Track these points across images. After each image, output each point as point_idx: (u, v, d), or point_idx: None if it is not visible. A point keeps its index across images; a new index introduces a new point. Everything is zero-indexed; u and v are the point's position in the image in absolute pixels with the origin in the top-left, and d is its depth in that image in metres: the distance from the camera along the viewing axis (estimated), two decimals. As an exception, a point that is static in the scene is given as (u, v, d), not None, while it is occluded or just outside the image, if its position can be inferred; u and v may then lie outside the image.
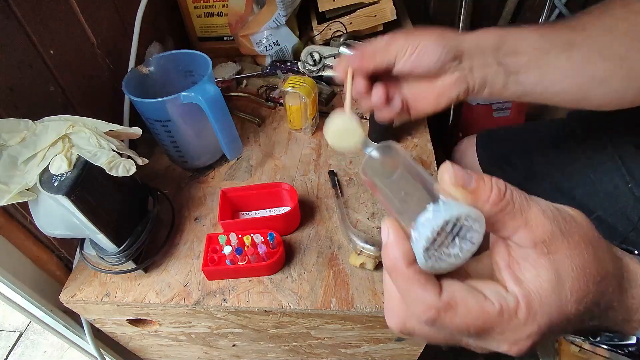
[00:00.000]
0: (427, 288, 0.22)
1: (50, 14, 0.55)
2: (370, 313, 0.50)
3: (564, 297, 0.21)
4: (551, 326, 0.22)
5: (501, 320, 0.21)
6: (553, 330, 0.22)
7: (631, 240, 0.56)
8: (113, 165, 0.46)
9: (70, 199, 0.43)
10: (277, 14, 0.80)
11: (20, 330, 1.27)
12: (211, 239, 0.54)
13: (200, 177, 0.68)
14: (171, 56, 0.65)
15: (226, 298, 0.52)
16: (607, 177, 0.57)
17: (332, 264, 0.55)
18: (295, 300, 0.51)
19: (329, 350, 0.66)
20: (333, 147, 0.37)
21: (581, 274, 0.22)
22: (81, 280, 0.56)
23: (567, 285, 0.21)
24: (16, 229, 0.53)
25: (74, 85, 0.60)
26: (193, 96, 0.55)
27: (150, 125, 0.61)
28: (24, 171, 0.44)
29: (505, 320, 0.21)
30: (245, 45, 0.87)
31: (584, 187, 0.60)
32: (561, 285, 0.21)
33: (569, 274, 0.22)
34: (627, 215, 0.56)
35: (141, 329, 0.62)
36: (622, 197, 0.56)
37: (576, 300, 0.22)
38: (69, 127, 0.46)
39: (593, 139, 0.60)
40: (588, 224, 0.24)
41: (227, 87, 0.83)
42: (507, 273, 0.23)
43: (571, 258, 0.22)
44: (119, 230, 0.51)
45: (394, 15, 0.82)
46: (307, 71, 0.82)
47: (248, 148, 0.72)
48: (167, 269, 0.56)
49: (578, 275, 0.22)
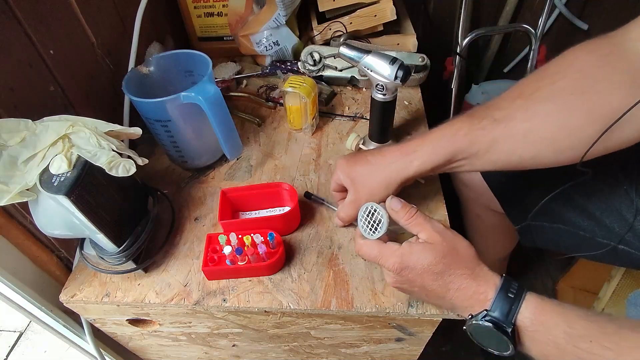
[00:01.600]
0: (382, 246, 0.44)
1: (50, 14, 0.55)
2: (370, 313, 0.50)
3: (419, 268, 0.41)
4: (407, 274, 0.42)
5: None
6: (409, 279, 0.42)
7: (628, 241, 0.56)
8: (113, 165, 0.46)
9: (70, 199, 0.43)
10: (277, 14, 0.80)
11: (20, 330, 1.27)
12: (211, 239, 0.54)
13: (200, 177, 0.68)
14: (171, 56, 0.65)
15: (226, 298, 0.52)
16: (603, 177, 0.57)
17: (332, 264, 0.55)
18: (295, 300, 0.51)
19: (329, 350, 0.66)
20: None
21: (436, 266, 0.41)
22: (81, 280, 0.56)
23: (422, 265, 0.41)
24: (16, 229, 0.53)
25: (74, 85, 0.60)
26: (193, 96, 0.55)
27: (150, 125, 0.61)
28: (24, 171, 0.44)
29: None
30: (245, 45, 0.87)
31: (581, 187, 0.60)
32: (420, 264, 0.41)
33: (429, 262, 0.41)
34: (623, 216, 0.56)
35: (141, 329, 0.62)
36: (617, 198, 0.56)
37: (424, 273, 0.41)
38: (69, 127, 0.46)
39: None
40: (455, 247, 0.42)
41: (227, 87, 0.83)
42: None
43: (437, 256, 0.41)
44: (119, 230, 0.51)
45: (394, 15, 0.82)
46: (307, 71, 0.82)
47: (248, 148, 0.73)
48: (167, 269, 0.56)
49: (430, 264, 0.41)
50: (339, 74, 0.81)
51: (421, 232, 0.43)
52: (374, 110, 0.64)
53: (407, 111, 0.78)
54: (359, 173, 0.51)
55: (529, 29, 1.03)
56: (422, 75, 0.79)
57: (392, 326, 0.55)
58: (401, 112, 0.77)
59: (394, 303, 0.50)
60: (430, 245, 0.42)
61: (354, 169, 0.52)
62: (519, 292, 0.39)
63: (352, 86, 0.84)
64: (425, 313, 0.49)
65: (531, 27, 1.03)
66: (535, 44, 1.05)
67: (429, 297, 0.44)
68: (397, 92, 0.61)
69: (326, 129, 0.75)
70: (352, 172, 0.52)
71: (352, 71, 0.81)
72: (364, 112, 0.77)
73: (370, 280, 0.53)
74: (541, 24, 1.02)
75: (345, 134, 0.74)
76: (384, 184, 0.49)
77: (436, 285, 0.41)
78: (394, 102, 0.62)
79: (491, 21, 1.15)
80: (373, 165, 0.50)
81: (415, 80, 0.80)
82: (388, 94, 0.59)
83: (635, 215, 0.54)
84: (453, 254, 0.41)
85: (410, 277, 0.42)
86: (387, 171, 0.49)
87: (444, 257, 0.41)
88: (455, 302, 0.42)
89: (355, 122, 0.76)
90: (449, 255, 0.41)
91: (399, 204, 0.44)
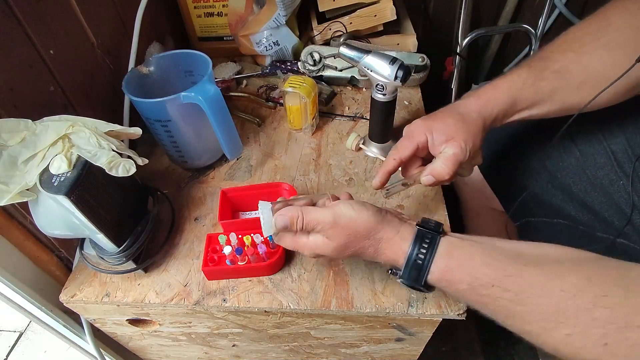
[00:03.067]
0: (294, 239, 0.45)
1: (50, 14, 0.55)
2: (370, 313, 0.50)
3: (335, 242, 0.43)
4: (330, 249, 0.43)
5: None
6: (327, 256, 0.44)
7: (627, 234, 0.56)
8: (113, 165, 0.46)
9: (70, 199, 0.43)
10: (277, 14, 0.80)
11: (20, 330, 1.27)
12: (211, 239, 0.54)
13: (200, 177, 0.68)
14: (171, 56, 0.65)
15: (226, 298, 0.52)
16: (602, 172, 0.58)
17: (332, 264, 0.55)
18: (295, 300, 0.51)
19: (329, 350, 0.66)
20: None
21: (343, 250, 0.43)
22: (81, 280, 0.56)
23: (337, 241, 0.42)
24: (16, 229, 0.53)
25: (74, 85, 0.60)
26: (193, 96, 0.55)
27: (150, 125, 0.61)
28: (24, 171, 0.44)
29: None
30: (245, 45, 0.87)
31: (580, 182, 0.60)
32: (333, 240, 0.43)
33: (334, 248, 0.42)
34: (622, 209, 0.56)
35: (141, 329, 0.62)
36: (616, 191, 0.57)
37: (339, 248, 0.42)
38: (69, 127, 0.46)
39: (587, 135, 0.60)
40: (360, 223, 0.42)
41: (227, 87, 0.83)
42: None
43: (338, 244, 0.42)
44: (119, 230, 0.51)
45: (394, 15, 0.82)
46: (307, 71, 0.82)
47: (248, 148, 0.73)
48: (167, 269, 0.56)
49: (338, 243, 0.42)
50: (339, 74, 0.81)
51: (317, 233, 0.43)
52: (374, 110, 0.64)
53: (407, 111, 0.78)
54: (460, 125, 0.50)
55: (529, 29, 1.03)
56: (422, 75, 0.79)
57: (392, 326, 0.55)
58: (401, 112, 0.77)
59: (394, 303, 0.50)
60: (324, 238, 0.43)
61: (453, 127, 0.50)
62: (427, 254, 0.40)
63: (352, 86, 0.84)
64: (425, 313, 0.49)
65: (531, 27, 1.03)
66: (535, 44, 1.05)
67: (355, 255, 0.45)
68: (397, 92, 0.61)
69: (326, 129, 0.75)
70: (453, 130, 0.49)
71: (352, 71, 0.81)
72: (364, 112, 0.77)
73: (370, 280, 0.53)
74: (541, 24, 1.02)
75: (345, 134, 0.74)
76: (471, 132, 0.49)
77: (354, 254, 0.44)
78: (394, 102, 0.62)
79: (491, 21, 1.15)
80: (457, 114, 0.50)
81: (415, 80, 0.80)
82: (388, 94, 0.59)
83: (633, 209, 0.55)
84: (351, 237, 0.42)
85: (325, 253, 0.44)
86: (470, 119, 0.50)
87: (345, 243, 0.42)
88: (379, 259, 0.44)
89: (355, 122, 0.76)
90: (348, 238, 0.42)
91: (283, 222, 0.43)
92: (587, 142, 0.60)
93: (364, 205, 0.43)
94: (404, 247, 0.41)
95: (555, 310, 0.34)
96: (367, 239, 0.42)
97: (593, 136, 0.60)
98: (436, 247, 0.40)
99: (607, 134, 0.58)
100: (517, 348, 1.09)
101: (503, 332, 0.44)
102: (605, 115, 0.60)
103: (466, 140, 0.48)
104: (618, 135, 0.57)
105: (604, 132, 0.59)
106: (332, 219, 0.42)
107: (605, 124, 0.59)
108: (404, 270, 0.41)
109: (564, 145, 0.63)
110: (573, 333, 0.33)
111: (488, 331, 1.13)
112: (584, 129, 0.61)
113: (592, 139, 0.60)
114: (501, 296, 0.36)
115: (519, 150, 0.69)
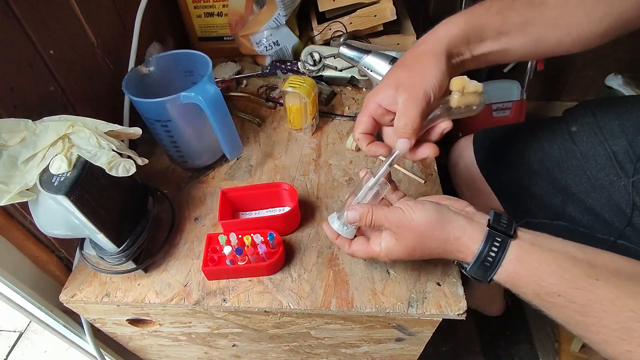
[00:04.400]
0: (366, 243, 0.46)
1: (50, 14, 0.55)
2: (370, 313, 0.50)
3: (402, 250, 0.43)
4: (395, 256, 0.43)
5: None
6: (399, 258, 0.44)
7: (627, 236, 0.56)
8: (113, 165, 0.46)
9: (70, 199, 0.43)
10: (277, 14, 0.80)
11: (20, 330, 1.27)
12: (211, 239, 0.54)
13: (200, 177, 0.68)
14: (171, 56, 0.65)
15: (226, 298, 0.52)
16: (602, 172, 0.58)
17: (332, 264, 0.55)
18: (295, 300, 0.51)
19: (329, 350, 0.66)
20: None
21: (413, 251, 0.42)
22: (81, 280, 0.56)
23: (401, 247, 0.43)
24: (16, 229, 0.53)
25: (74, 85, 0.60)
26: (193, 96, 0.55)
27: (150, 125, 0.61)
28: (24, 171, 0.44)
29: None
30: (245, 45, 0.87)
31: (581, 183, 0.60)
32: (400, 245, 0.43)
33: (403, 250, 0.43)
34: (622, 210, 0.56)
35: (141, 329, 0.62)
36: (616, 192, 0.57)
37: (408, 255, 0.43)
38: (69, 127, 0.46)
39: (588, 136, 0.60)
40: (421, 225, 0.41)
41: (227, 87, 0.83)
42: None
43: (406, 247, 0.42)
44: (119, 230, 0.51)
45: (394, 15, 0.82)
46: (307, 71, 0.82)
47: (248, 148, 0.73)
48: (167, 269, 0.56)
49: (407, 245, 0.42)
50: (339, 74, 0.81)
51: (385, 230, 0.44)
52: (374, 110, 0.63)
53: (407, 111, 0.78)
54: (403, 70, 0.44)
55: None
56: (422, 75, 0.79)
57: (392, 326, 0.55)
58: (401, 112, 0.77)
59: (394, 303, 0.50)
60: (394, 240, 0.43)
61: (396, 75, 0.45)
62: (496, 257, 0.39)
63: (352, 86, 0.84)
64: (425, 313, 0.49)
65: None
66: (535, 44, 1.04)
67: (425, 256, 0.45)
68: (397, 92, 0.61)
69: (326, 129, 0.75)
70: (396, 78, 0.44)
71: (352, 71, 0.81)
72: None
73: (370, 280, 0.52)
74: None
75: (345, 134, 0.74)
76: (423, 69, 0.43)
77: (425, 255, 0.43)
78: (394, 102, 0.62)
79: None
80: (402, 65, 0.45)
81: (415, 80, 0.80)
82: (388, 94, 0.59)
83: (633, 210, 0.55)
84: (418, 238, 0.41)
85: (398, 257, 0.44)
86: (426, 46, 0.44)
87: (412, 245, 0.42)
88: (449, 258, 0.43)
89: (355, 122, 0.76)
90: (415, 240, 0.42)
91: (353, 217, 0.43)
92: (588, 142, 0.60)
93: (424, 206, 0.41)
94: (473, 248, 0.40)
95: (621, 327, 0.33)
96: (432, 240, 0.41)
97: (594, 137, 0.60)
98: (506, 251, 0.39)
99: (608, 135, 0.58)
100: (517, 348, 1.10)
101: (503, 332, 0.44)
102: (606, 116, 0.60)
103: (414, 81, 0.42)
104: (619, 136, 0.57)
105: (604, 133, 0.59)
106: (397, 218, 0.41)
107: (606, 125, 0.59)
108: (471, 268, 0.40)
109: (565, 146, 0.63)
110: (635, 351, 0.33)
111: (488, 331, 1.13)
112: (584, 130, 0.61)
113: (593, 140, 0.60)
114: (566, 306, 0.36)
115: (519, 151, 0.69)
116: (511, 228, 0.40)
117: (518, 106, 1.27)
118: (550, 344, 1.08)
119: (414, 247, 0.42)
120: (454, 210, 0.42)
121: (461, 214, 0.42)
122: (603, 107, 0.61)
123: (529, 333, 1.12)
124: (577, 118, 0.63)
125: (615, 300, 0.34)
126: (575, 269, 0.37)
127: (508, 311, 1.12)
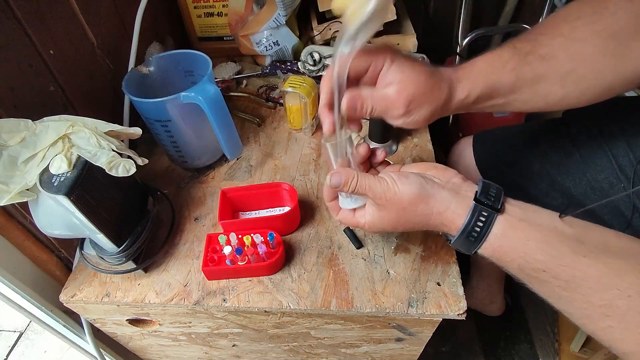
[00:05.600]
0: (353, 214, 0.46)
1: (50, 14, 0.55)
2: (370, 313, 0.50)
3: (385, 222, 0.43)
4: (376, 225, 0.44)
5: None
6: (379, 227, 0.44)
7: None
8: (113, 165, 0.46)
9: (70, 199, 0.43)
10: (277, 14, 0.80)
11: (20, 330, 1.27)
12: (211, 239, 0.54)
13: (200, 177, 0.68)
14: (171, 56, 0.65)
15: (226, 298, 0.52)
16: (602, 175, 0.58)
17: (332, 264, 0.55)
18: (295, 300, 0.51)
19: (329, 350, 0.66)
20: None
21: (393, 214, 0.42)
22: (81, 280, 0.56)
23: (385, 219, 0.43)
24: (16, 229, 0.53)
25: (74, 85, 0.60)
26: (193, 96, 0.55)
27: (150, 125, 0.61)
28: (24, 171, 0.44)
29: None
30: (245, 45, 0.87)
31: (580, 185, 0.60)
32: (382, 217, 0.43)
33: (387, 217, 0.42)
34: (622, 212, 0.56)
35: (141, 329, 0.62)
36: (616, 194, 0.57)
37: (393, 226, 0.43)
38: (69, 127, 0.46)
39: (587, 137, 0.60)
40: (404, 199, 0.40)
41: (227, 87, 0.83)
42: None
43: (390, 217, 0.42)
44: (119, 230, 0.51)
45: (394, 15, 0.82)
46: (307, 71, 0.82)
47: (248, 148, 0.73)
48: (167, 269, 0.56)
49: (390, 218, 0.42)
50: (339, 74, 0.81)
51: (369, 199, 0.43)
52: (374, 110, 0.63)
53: (407, 111, 0.78)
54: (408, 66, 0.43)
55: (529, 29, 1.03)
56: (422, 75, 0.79)
57: (392, 326, 0.55)
58: (401, 112, 0.77)
59: (394, 303, 0.50)
60: (378, 212, 0.42)
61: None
62: (481, 232, 0.38)
63: (352, 86, 0.84)
64: (425, 313, 0.49)
65: (531, 26, 1.03)
66: (535, 44, 1.05)
67: (409, 229, 0.44)
68: (397, 92, 0.61)
69: (326, 129, 0.75)
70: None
71: (352, 71, 0.81)
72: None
73: (370, 280, 0.53)
74: (541, 24, 1.02)
75: (345, 134, 0.74)
76: (429, 93, 0.42)
77: (408, 228, 0.43)
78: (394, 102, 0.62)
79: (491, 21, 1.15)
80: (429, 70, 0.44)
81: (415, 80, 0.80)
82: (388, 94, 0.59)
83: (633, 212, 0.55)
84: (400, 211, 0.41)
85: (382, 229, 0.44)
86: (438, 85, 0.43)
87: (395, 217, 0.42)
88: (433, 231, 0.43)
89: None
90: (397, 212, 0.41)
91: (337, 180, 0.42)
92: (587, 145, 0.60)
93: (407, 179, 0.41)
94: (458, 222, 0.39)
95: (605, 304, 0.33)
96: (415, 214, 0.41)
97: (594, 139, 0.60)
98: (492, 226, 0.38)
99: (608, 137, 0.58)
100: (517, 348, 1.10)
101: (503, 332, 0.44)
102: (606, 118, 0.60)
103: (415, 93, 0.41)
104: (619, 139, 0.57)
105: (604, 135, 0.59)
106: (380, 190, 0.41)
107: (606, 127, 0.59)
108: (456, 241, 0.40)
109: (565, 149, 0.62)
110: (616, 327, 0.33)
111: (488, 331, 1.13)
112: (584, 132, 0.61)
113: (593, 142, 0.60)
114: (550, 281, 0.36)
115: (519, 153, 0.68)
116: (499, 201, 0.39)
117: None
118: (550, 344, 1.08)
119: (397, 220, 0.42)
120: (439, 183, 0.41)
121: (446, 187, 0.41)
122: (603, 109, 0.61)
123: (529, 333, 1.12)
124: (577, 120, 0.63)
125: (601, 277, 0.34)
126: (563, 245, 0.36)
127: (508, 311, 1.12)
